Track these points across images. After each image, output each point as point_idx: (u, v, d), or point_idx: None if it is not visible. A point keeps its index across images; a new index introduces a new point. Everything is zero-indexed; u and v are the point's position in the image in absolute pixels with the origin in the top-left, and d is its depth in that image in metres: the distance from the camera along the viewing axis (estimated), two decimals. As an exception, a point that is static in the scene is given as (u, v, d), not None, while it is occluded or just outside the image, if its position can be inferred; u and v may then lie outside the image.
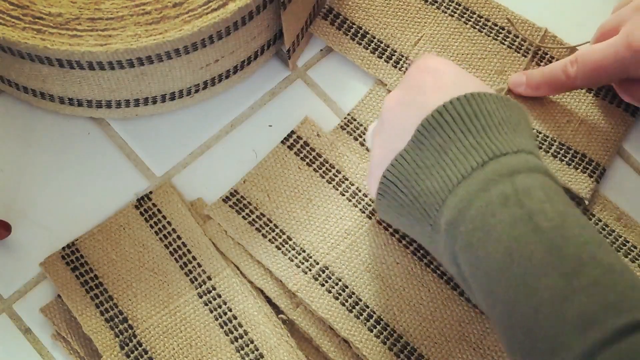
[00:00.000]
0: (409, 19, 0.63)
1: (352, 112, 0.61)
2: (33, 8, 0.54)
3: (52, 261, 0.55)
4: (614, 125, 0.60)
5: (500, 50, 0.62)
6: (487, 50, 0.62)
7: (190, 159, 0.60)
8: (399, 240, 0.56)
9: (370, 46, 0.62)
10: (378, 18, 0.63)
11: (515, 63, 0.61)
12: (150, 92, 0.58)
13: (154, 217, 0.57)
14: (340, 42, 0.62)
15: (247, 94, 0.62)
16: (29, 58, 0.54)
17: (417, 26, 0.63)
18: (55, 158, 0.59)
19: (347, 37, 0.63)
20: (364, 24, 0.63)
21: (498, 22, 0.63)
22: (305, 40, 0.63)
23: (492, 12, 0.64)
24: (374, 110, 0.61)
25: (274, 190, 0.58)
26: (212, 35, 0.55)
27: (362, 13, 0.63)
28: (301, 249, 0.56)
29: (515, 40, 0.62)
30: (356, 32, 0.63)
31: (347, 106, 0.62)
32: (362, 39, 0.63)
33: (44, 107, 0.60)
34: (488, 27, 0.63)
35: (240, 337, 0.53)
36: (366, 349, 0.52)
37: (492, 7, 0.64)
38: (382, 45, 0.62)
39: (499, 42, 0.62)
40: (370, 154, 0.52)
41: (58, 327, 0.54)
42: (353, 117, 0.60)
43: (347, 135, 0.60)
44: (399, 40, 0.63)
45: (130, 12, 0.55)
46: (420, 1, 0.64)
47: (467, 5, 0.64)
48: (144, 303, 0.54)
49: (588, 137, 0.59)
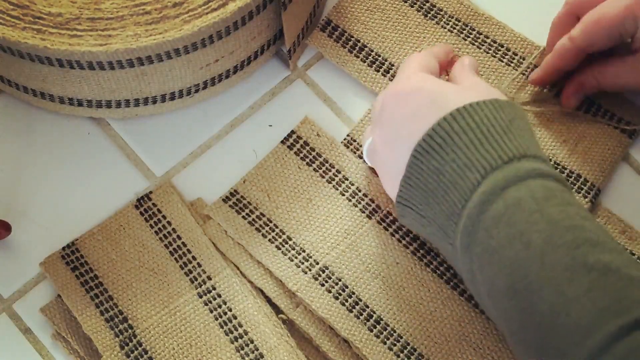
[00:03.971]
0: (408, 33, 0.63)
1: (352, 133, 0.60)
2: (33, 8, 0.54)
3: (52, 261, 0.55)
4: (611, 147, 0.59)
5: (498, 67, 0.62)
6: (486, 67, 0.62)
7: (190, 159, 0.60)
8: (399, 240, 0.56)
9: (367, 59, 0.62)
10: (377, 31, 0.63)
11: (513, 80, 0.61)
12: (150, 92, 0.58)
13: (154, 217, 0.57)
14: (338, 55, 0.62)
15: (247, 94, 0.62)
16: (29, 58, 0.54)
17: (415, 40, 0.63)
18: (55, 158, 0.59)
19: (344, 50, 0.62)
20: (362, 37, 0.63)
21: (497, 39, 0.63)
22: (305, 40, 0.63)
23: (491, 30, 0.63)
24: None
25: (274, 190, 0.58)
26: (212, 35, 0.55)
27: (360, 26, 0.63)
28: (301, 248, 0.56)
29: (514, 58, 0.62)
30: (354, 44, 0.62)
31: (347, 106, 0.62)
32: (359, 52, 0.62)
33: (44, 107, 0.60)
34: (487, 44, 0.62)
35: (240, 337, 0.53)
36: (366, 348, 0.52)
37: (492, 24, 0.63)
38: (380, 58, 0.62)
39: (497, 59, 0.62)
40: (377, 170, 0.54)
41: (58, 327, 0.54)
42: (353, 138, 0.60)
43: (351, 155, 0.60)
44: (397, 54, 0.62)
45: (130, 12, 0.55)
46: (420, 16, 0.63)
47: (466, 22, 0.63)
48: (144, 303, 0.54)
49: (584, 157, 0.59)
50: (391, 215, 0.57)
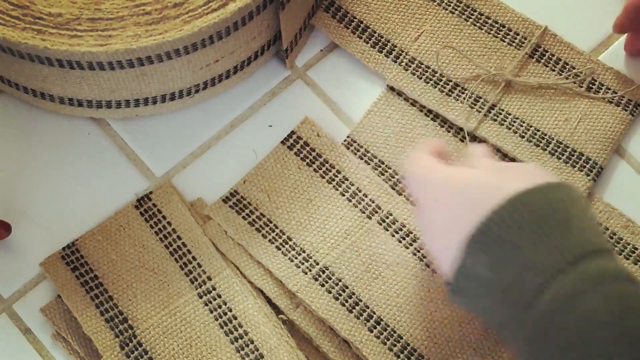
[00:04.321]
0: (410, 14, 0.63)
1: (352, 134, 0.60)
2: (33, 8, 0.54)
3: (52, 261, 0.55)
4: (612, 124, 0.60)
5: (500, 48, 0.62)
6: (487, 48, 0.62)
7: (190, 159, 0.60)
8: (399, 240, 0.56)
9: (370, 40, 0.63)
10: (379, 13, 0.63)
11: (514, 60, 0.62)
12: (150, 92, 0.58)
13: (154, 217, 0.57)
14: (341, 35, 0.63)
15: (247, 94, 0.62)
16: (29, 58, 0.54)
17: (417, 22, 0.63)
18: (55, 158, 0.59)
19: (347, 31, 0.63)
20: (365, 18, 0.63)
21: (499, 19, 0.63)
22: (304, 40, 0.63)
23: (493, 10, 0.64)
24: (373, 131, 0.60)
25: (274, 190, 0.58)
26: (212, 35, 0.55)
27: (363, 7, 0.63)
28: (301, 249, 0.56)
29: (515, 38, 0.62)
30: (357, 26, 0.63)
31: (347, 106, 0.62)
32: (362, 33, 0.63)
33: (44, 107, 0.60)
34: (489, 25, 0.63)
35: (241, 338, 0.53)
36: (366, 349, 0.52)
37: (493, 4, 0.64)
38: (383, 40, 0.63)
39: (499, 39, 0.63)
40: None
41: (58, 327, 0.54)
42: (353, 139, 0.60)
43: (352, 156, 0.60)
44: (399, 35, 0.63)
45: (131, 12, 0.55)
46: None
47: (468, 3, 0.64)
48: (144, 303, 0.54)
49: (586, 135, 0.59)
50: (391, 215, 0.57)
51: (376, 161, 0.59)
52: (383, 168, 0.59)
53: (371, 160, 0.59)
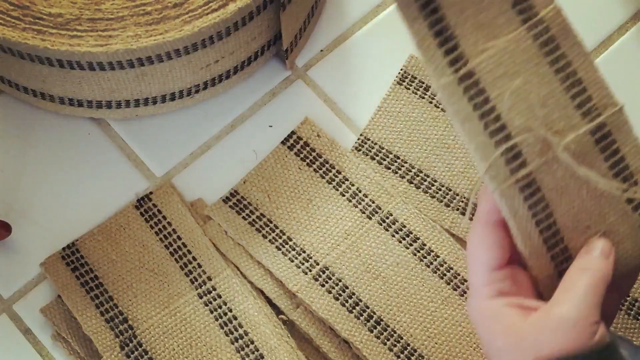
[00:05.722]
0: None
1: (365, 132, 0.60)
2: (33, 8, 0.54)
3: (52, 261, 0.55)
4: None
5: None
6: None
7: (190, 159, 0.60)
8: (399, 240, 0.56)
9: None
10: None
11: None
12: (150, 92, 0.58)
13: (154, 218, 0.57)
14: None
15: (247, 94, 0.62)
16: (29, 58, 0.54)
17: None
18: (55, 158, 0.59)
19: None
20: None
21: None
22: (304, 40, 0.63)
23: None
24: (385, 127, 0.60)
25: (274, 190, 0.58)
26: (212, 35, 0.55)
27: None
28: (301, 249, 0.56)
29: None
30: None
31: (347, 106, 0.62)
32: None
33: (44, 107, 0.60)
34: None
35: (241, 338, 0.53)
36: (366, 349, 0.53)
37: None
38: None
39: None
40: None
41: (58, 328, 0.54)
42: (367, 137, 0.60)
43: (364, 156, 0.60)
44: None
45: (131, 12, 0.55)
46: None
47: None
48: (144, 303, 0.54)
49: None
50: (391, 215, 0.57)
51: (392, 157, 0.59)
52: (399, 163, 0.59)
53: (386, 156, 0.59)
